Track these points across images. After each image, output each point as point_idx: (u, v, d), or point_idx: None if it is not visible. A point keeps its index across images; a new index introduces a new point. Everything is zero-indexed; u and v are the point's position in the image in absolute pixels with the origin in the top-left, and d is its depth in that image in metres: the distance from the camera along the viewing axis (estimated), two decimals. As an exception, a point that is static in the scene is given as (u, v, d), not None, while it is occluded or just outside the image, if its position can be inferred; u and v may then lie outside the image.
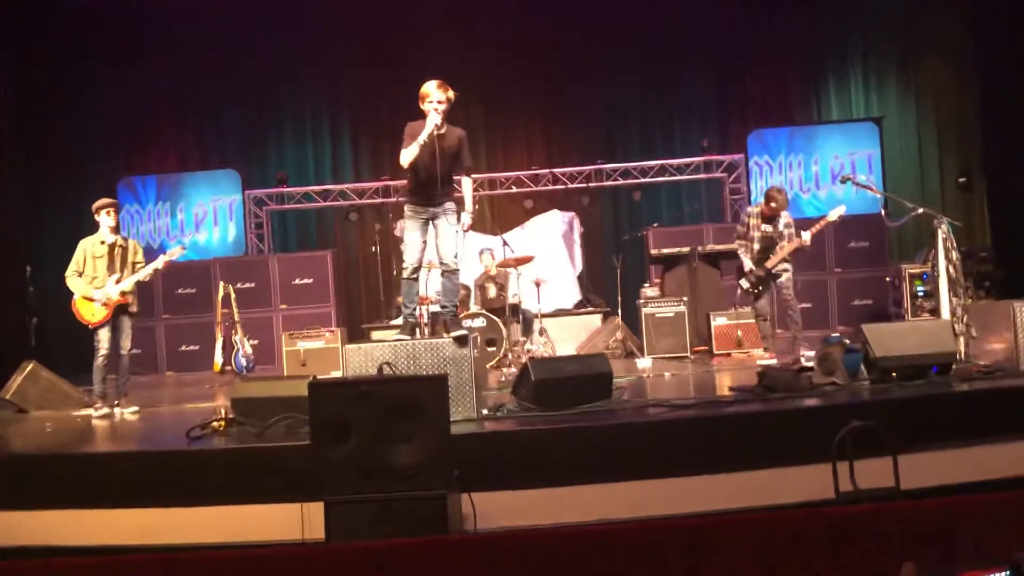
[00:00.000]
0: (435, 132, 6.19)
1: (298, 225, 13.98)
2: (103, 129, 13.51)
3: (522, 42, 13.46)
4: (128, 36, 13.28)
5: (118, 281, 7.56)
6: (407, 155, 6.24)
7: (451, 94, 6.29)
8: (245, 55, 13.38)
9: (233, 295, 10.48)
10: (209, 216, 13.20)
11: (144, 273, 7.66)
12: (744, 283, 8.61)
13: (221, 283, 10.76)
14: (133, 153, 13.83)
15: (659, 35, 13.33)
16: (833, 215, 8.41)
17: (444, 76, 12.39)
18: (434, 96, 6.23)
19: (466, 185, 6.61)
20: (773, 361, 8.19)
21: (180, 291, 12.18)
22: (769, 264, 8.40)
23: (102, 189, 13.24)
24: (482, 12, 13.33)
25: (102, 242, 7.60)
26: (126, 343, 7.71)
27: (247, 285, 11.77)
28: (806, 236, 8.25)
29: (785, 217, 8.44)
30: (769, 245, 8.43)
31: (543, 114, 13.93)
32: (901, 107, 13.49)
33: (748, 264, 8.51)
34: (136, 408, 7.73)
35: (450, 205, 6.50)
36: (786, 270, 8.45)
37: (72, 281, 7.59)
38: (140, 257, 7.80)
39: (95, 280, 7.55)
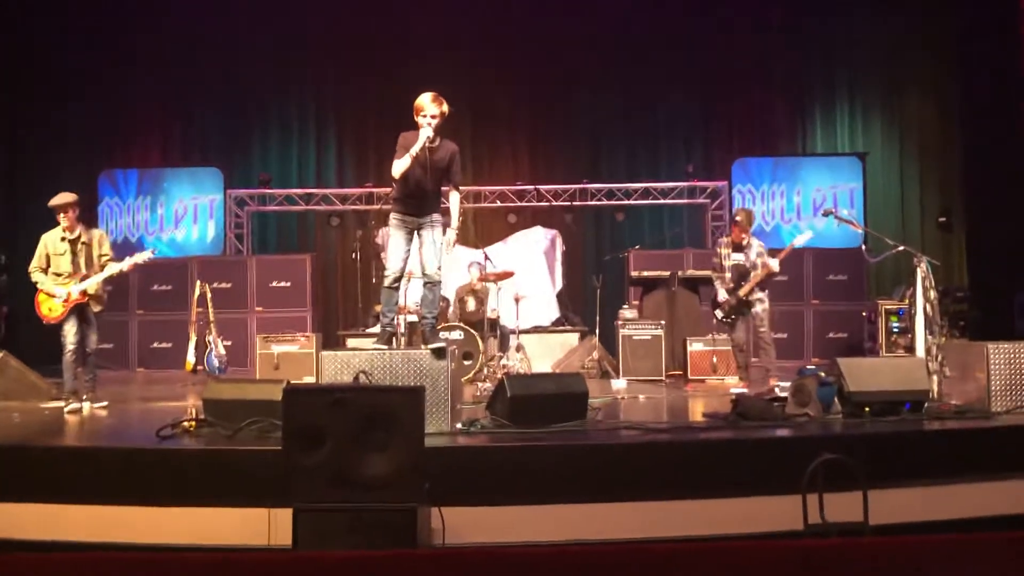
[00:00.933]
0: (427, 145, 6.21)
1: (278, 227, 13.91)
2: (86, 120, 13.43)
3: (512, 56, 13.52)
4: (117, 28, 13.24)
5: (82, 279, 7.38)
6: (399, 166, 6.25)
7: (445, 108, 6.34)
8: (235, 54, 13.35)
9: (209, 295, 10.38)
10: (189, 213, 13.11)
11: (107, 273, 7.47)
12: (718, 312, 8.66)
13: (198, 282, 10.65)
14: (116, 146, 13.74)
15: (648, 59, 13.42)
16: (799, 241, 8.53)
17: (433, 86, 12.41)
18: (428, 110, 6.27)
19: (453, 200, 6.61)
20: (746, 390, 8.18)
21: (155, 287, 12.08)
22: (742, 293, 8.43)
23: (82, 180, 13.17)
24: (473, 25, 13.37)
25: (62, 239, 7.44)
26: (92, 338, 7.54)
27: (223, 285, 11.68)
28: (773, 263, 8.31)
29: (756, 246, 8.49)
30: (742, 274, 8.48)
31: (530, 130, 13.97)
32: (885, 143, 13.64)
33: (722, 294, 8.56)
34: (105, 403, 7.62)
35: (436, 217, 6.52)
36: (760, 300, 8.48)
37: (36, 276, 7.43)
38: (106, 249, 7.60)
39: (59, 277, 7.38)
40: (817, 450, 4.83)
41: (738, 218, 8.53)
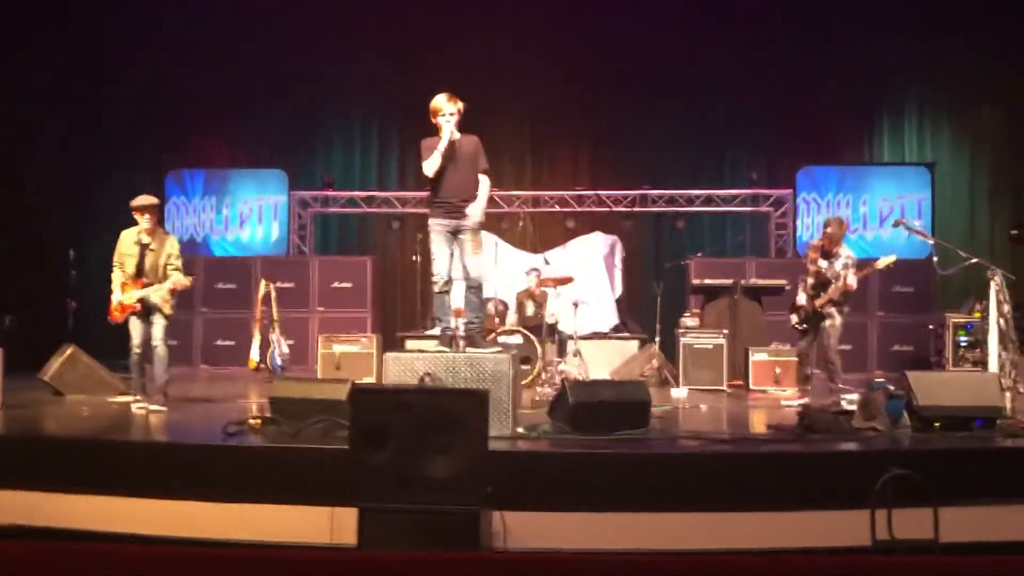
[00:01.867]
0: (452, 140, 6.36)
1: (340, 229, 14.06)
2: (154, 120, 13.68)
3: (573, 60, 13.48)
4: (187, 31, 13.46)
5: (144, 286, 7.33)
6: (431, 165, 6.43)
7: (461, 105, 6.50)
8: (302, 57, 13.52)
9: (273, 293, 10.52)
10: (254, 214, 13.31)
11: (152, 289, 7.33)
12: (793, 317, 8.44)
13: (263, 281, 10.79)
14: (184, 146, 13.99)
15: (713, 65, 13.28)
16: (881, 263, 8.12)
17: (495, 90, 12.51)
18: (445, 109, 6.47)
19: (483, 182, 6.61)
20: (802, 402, 8.00)
21: (220, 286, 12.28)
22: (818, 303, 8.14)
23: (151, 178, 13.47)
24: (536, 30, 13.36)
25: (136, 241, 7.44)
26: (157, 335, 7.41)
27: (286, 285, 11.82)
28: (851, 280, 7.94)
29: (844, 258, 8.06)
30: (823, 283, 8.13)
31: (591, 134, 13.92)
32: (954, 154, 13.36)
33: (801, 298, 8.32)
34: (161, 408, 7.36)
35: (473, 219, 6.57)
36: (831, 316, 8.10)
37: (114, 273, 7.49)
38: (174, 259, 7.45)
39: (124, 276, 7.41)
40: (885, 465, 4.75)
41: (828, 229, 8.15)
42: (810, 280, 8.25)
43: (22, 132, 12.07)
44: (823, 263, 8.19)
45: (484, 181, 6.63)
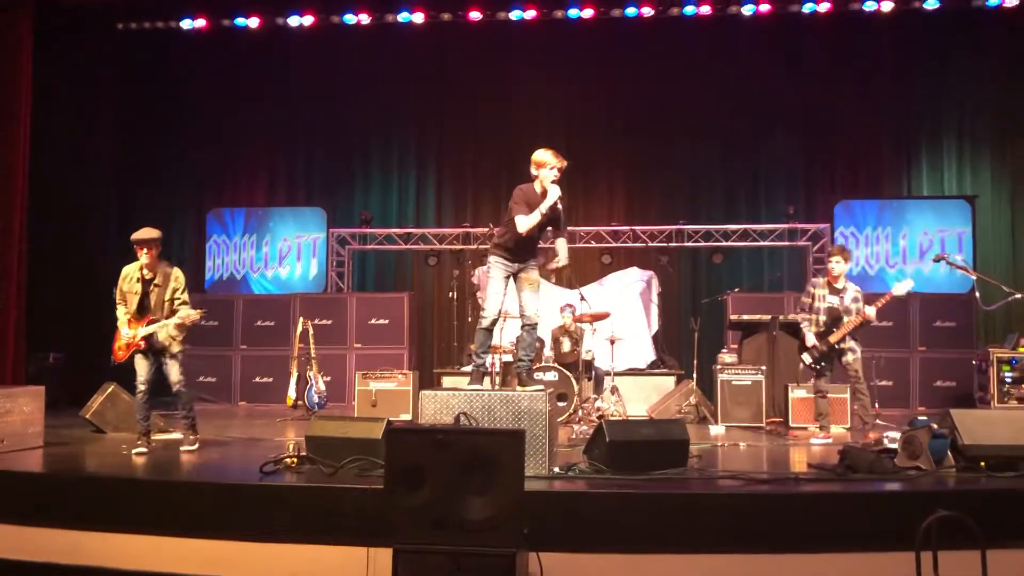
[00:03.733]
0: (556, 203, 6.38)
1: (377, 265, 14.15)
2: (196, 160, 13.94)
3: (609, 97, 13.56)
4: (226, 72, 13.75)
5: (149, 322, 7.21)
6: (527, 222, 6.39)
7: (564, 163, 6.54)
8: (338, 97, 13.72)
9: (311, 331, 10.60)
10: (293, 251, 13.44)
11: (158, 325, 7.20)
12: (807, 358, 8.35)
13: (300, 319, 10.89)
14: (224, 185, 14.23)
15: (749, 98, 13.27)
16: (899, 289, 8.04)
17: (531, 126, 12.59)
18: (553, 163, 6.47)
19: (561, 244, 6.67)
20: (828, 441, 8.00)
21: (259, 323, 12.38)
22: (833, 339, 8.12)
23: (191, 218, 13.71)
24: (570, 67, 13.45)
25: (138, 278, 7.29)
26: (172, 377, 7.33)
27: (324, 322, 11.91)
28: (870, 311, 7.98)
29: (852, 291, 8.19)
30: (835, 318, 8.14)
31: (626, 170, 13.92)
32: (995, 187, 13.17)
33: (811, 339, 8.26)
34: (194, 447, 7.40)
35: (534, 262, 6.61)
36: (852, 350, 8.13)
37: (118, 310, 7.35)
38: (180, 293, 7.30)
39: (129, 314, 7.27)
40: (930, 505, 4.64)
41: (836, 260, 8.19)
42: (822, 318, 8.22)
43: (69, 174, 12.29)
44: (833, 299, 8.19)
45: (563, 243, 6.68)
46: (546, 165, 6.46)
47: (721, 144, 13.60)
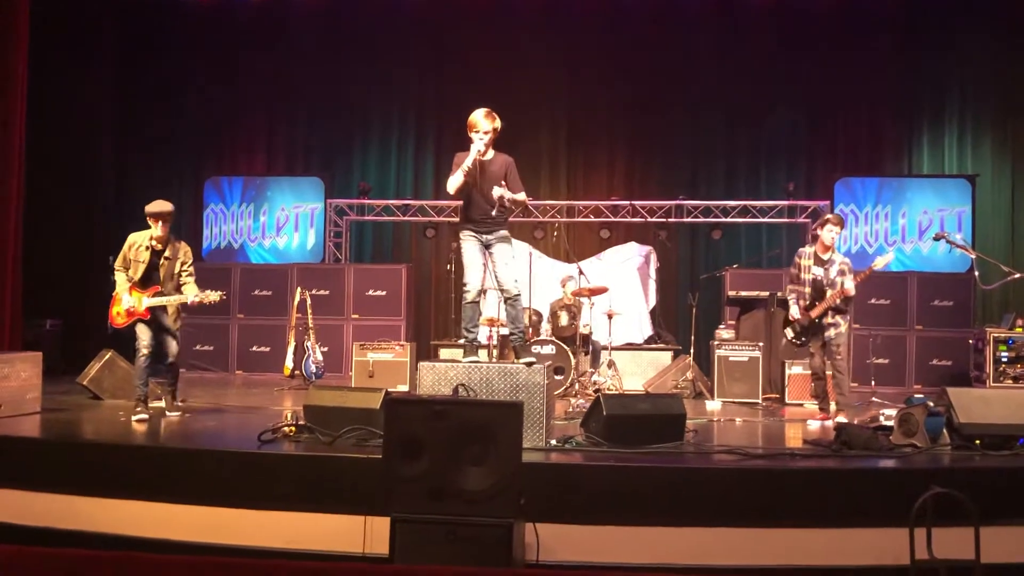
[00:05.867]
0: (478, 159, 6.34)
1: (375, 237, 14.11)
2: (194, 129, 13.84)
3: (611, 72, 13.44)
4: (226, 41, 13.64)
5: (154, 294, 7.24)
6: (453, 182, 6.48)
7: (498, 124, 6.48)
8: (338, 67, 13.60)
9: (309, 301, 10.61)
10: (291, 221, 13.39)
11: (175, 300, 7.28)
12: (788, 332, 8.22)
13: (298, 288, 10.89)
14: (222, 154, 14.14)
15: (750, 75, 13.17)
16: (879, 263, 7.95)
17: (531, 100, 12.52)
18: (481, 126, 6.45)
19: (500, 189, 6.45)
20: (826, 422, 7.81)
21: (256, 292, 12.36)
22: (814, 313, 7.93)
23: (189, 187, 13.65)
24: (572, 40, 13.33)
25: (147, 247, 7.28)
26: (171, 348, 7.42)
27: (322, 292, 11.89)
28: (849, 285, 7.73)
29: (839, 263, 7.91)
30: (819, 291, 7.92)
31: (627, 145, 13.84)
32: (996, 166, 13.13)
33: (794, 311, 8.08)
34: (178, 413, 7.51)
35: (503, 232, 6.59)
36: (835, 325, 7.91)
37: (118, 275, 7.33)
38: (188, 266, 7.39)
39: (131, 281, 7.27)
40: (925, 483, 4.69)
41: (827, 229, 7.93)
42: (806, 290, 8.02)
43: (66, 142, 12.24)
44: (818, 270, 7.97)
45: (521, 195, 6.55)
46: (474, 127, 6.45)
47: (722, 120, 13.52)
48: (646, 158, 13.78)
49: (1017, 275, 7.10)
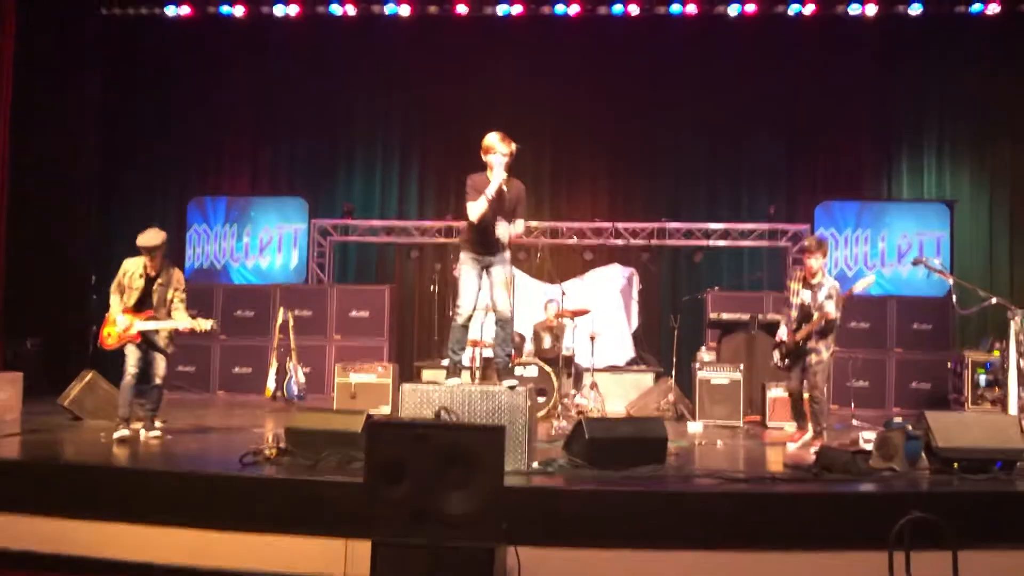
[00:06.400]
0: (501, 187, 6.22)
1: (359, 257, 14.12)
2: (178, 148, 13.88)
3: (594, 94, 13.56)
4: (211, 60, 13.70)
5: (148, 318, 7.30)
6: (476, 209, 6.25)
7: (514, 147, 6.30)
8: (322, 87, 13.68)
9: (291, 322, 10.59)
10: (274, 241, 13.39)
11: (168, 326, 7.36)
12: (775, 354, 8.17)
13: (281, 309, 10.88)
14: (206, 174, 14.15)
15: (731, 99, 13.33)
16: (859, 287, 7.81)
17: (515, 122, 12.60)
18: (499, 148, 6.24)
19: (502, 227, 6.40)
20: (803, 442, 7.78)
21: (238, 313, 12.33)
22: (798, 336, 7.84)
23: (172, 206, 13.64)
24: (555, 62, 13.44)
25: (141, 275, 7.36)
26: (160, 370, 7.44)
27: (304, 313, 11.88)
28: (830, 308, 7.61)
29: (828, 288, 7.72)
30: (806, 315, 7.82)
31: (609, 167, 13.94)
32: (974, 191, 13.30)
33: (782, 332, 8.04)
34: (158, 434, 7.49)
35: (505, 254, 6.53)
36: (816, 351, 7.76)
37: (112, 298, 7.42)
38: (180, 293, 7.45)
39: (125, 306, 7.34)
40: (903, 507, 4.71)
41: (807, 246, 7.90)
42: (793, 313, 7.94)
43: (50, 159, 12.22)
44: (806, 294, 7.87)
45: (519, 224, 6.51)
46: (492, 151, 6.24)
47: (704, 143, 13.67)
48: (629, 181, 13.88)
49: (994, 300, 7.18)
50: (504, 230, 6.36)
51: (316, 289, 12.73)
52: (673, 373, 10.54)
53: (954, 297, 8.62)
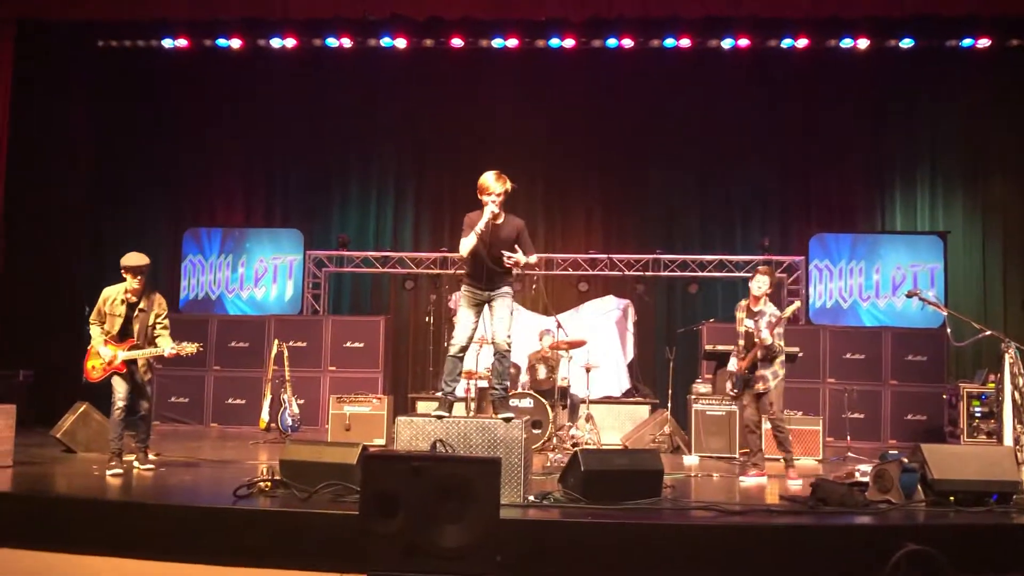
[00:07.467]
0: (491, 222, 6.32)
1: (353, 288, 14.12)
2: (173, 180, 13.92)
3: (588, 126, 13.66)
4: (206, 92, 13.75)
5: (131, 347, 7.27)
6: (466, 244, 6.40)
7: (509, 186, 6.42)
8: (318, 119, 13.75)
9: (286, 353, 10.57)
10: (269, 273, 13.38)
11: (150, 353, 7.32)
12: (728, 384, 8.22)
13: (275, 340, 10.86)
14: (201, 205, 14.17)
15: (725, 131, 13.45)
16: (788, 311, 7.91)
17: (510, 153, 12.62)
18: (493, 188, 6.37)
19: (521, 255, 6.49)
20: (761, 480, 7.76)
21: (233, 344, 12.30)
22: (743, 365, 7.89)
23: (167, 237, 13.63)
24: (550, 95, 13.54)
25: (122, 301, 7.32)
26: (142, 403, 7.42)
27: (299, 344, 11.85)
28: (764, 334, 7.63)
29: (768, 316, 7.76)
30: (750, 343, 7.88)
31: (604, 198, 14.00)
32: (967, 223, 13.37)
33: (732, 363, 8.10)
34: (152, 466, 7.47)
35: (506, 289, 6.57)
36: (763, 378, 7.78)
37: (93, 329, 7.35)
38: (163, 318, 7.41)
39: (108, 337, 7.30)
40: (900, 539, 4.71)
41: (757, 274, 7.97)
42: (741, 342, 8.02)
43: (45, 190, 12.23)
44: (749, 323, 7.94)
45: (532, 257, 6.55)
46: (485, 191, 6.38)
47: (698, 175, 13.74)
48: (623, 212, 13.93)
49: (988, 332, 7.20)
50: (513, 257, 6.42)
51: (311, 320, 12.71)
52: (669, 405, 10.53)
53: (948, 329, 8.63)
